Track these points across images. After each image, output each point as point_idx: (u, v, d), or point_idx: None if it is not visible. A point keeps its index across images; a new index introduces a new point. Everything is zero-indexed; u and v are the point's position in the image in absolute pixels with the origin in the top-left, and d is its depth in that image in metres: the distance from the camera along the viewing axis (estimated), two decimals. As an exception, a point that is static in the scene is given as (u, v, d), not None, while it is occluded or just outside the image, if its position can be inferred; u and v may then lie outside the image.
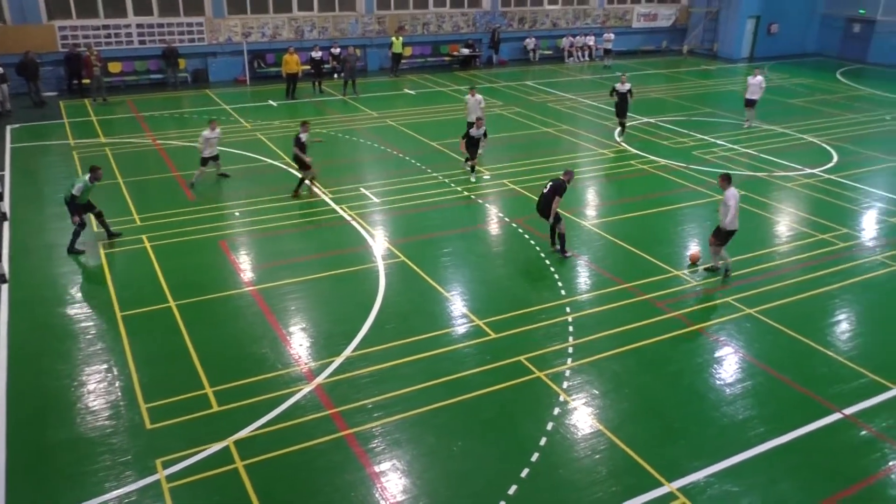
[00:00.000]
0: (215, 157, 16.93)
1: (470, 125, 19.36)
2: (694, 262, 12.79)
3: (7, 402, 8.97)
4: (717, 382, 9.62)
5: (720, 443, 8.43)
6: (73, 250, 13.11)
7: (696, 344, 10.51)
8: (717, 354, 10.25)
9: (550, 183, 13.15)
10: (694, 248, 13.09)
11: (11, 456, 8.06)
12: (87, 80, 25.72)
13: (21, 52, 24.25)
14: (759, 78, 22.16)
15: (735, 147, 20.55)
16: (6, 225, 14.41)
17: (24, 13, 25.48)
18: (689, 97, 27.66)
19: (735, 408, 9.07)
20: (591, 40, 36.12)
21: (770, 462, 8.14)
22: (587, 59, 36.14)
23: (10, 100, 23.68)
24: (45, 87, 25.39)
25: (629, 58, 36.66)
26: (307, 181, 16.44)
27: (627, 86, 20.51)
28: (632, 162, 19.10)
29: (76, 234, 13.14)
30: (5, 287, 11.87)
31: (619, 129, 21.51)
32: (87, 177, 13.07)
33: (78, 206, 13.03)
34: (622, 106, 20.86)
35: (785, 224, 15.06)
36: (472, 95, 19.18)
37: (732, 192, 11.92)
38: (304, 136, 16.06)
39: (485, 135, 17.47)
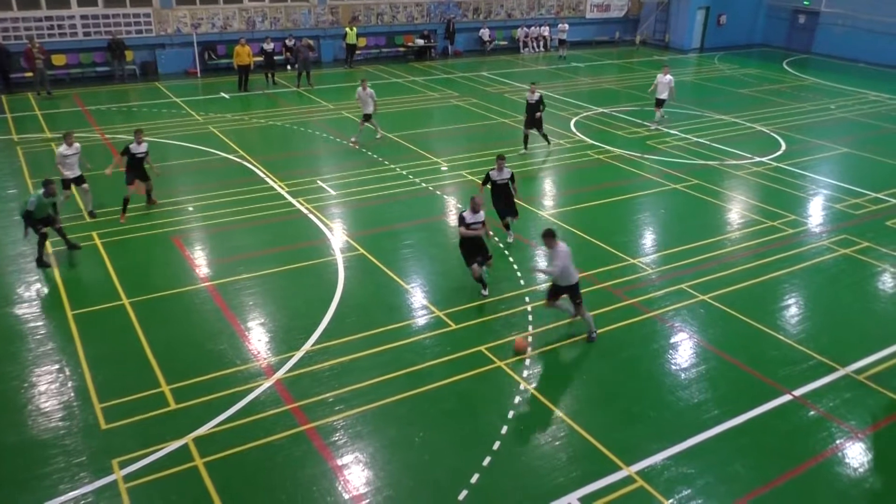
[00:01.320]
0: (79, 180, 14.14)
1: (366, 117, 19.23)
2: (519, 352, 9.92)
3: (-47, 407, 8.69)
4: (673, 367, 9.83)
5: (676, 426, 8.62)
6: (41, 263, 12.16)
7: (652, 330, 10.71)
8: (672, 340, 10.47)
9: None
10: (519, 337, 10.23)
11: (-41, 462, 7.82)
12: (29, 74, 24.89)
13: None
14: (669, 77, 21.00)
15: (688, 136, 20.94)
16: (-53, 223, 13.89)
17: (-39, 3, 24.53)
18: (643, 87, 28.01)
19: (690, 392, 9.29)
20: (545, 31, 36.34)
21: (724, 443, 8.36)
22: (542, 49, 36.35)
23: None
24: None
25: (583, 48, 37.00)
26: (148, 195, 14.82)
27: (537, 95, 18.25)
28: (588, 152, 19.32)
29: (40, 245, 12.16)
30: (-52, 288, 11.46)
31: (548, 139, 19.22)
32: (40, 192, 12.11)
33: (36, 221, 12.07)
34: (531, 117, 18.47)
35: (736, 212, 15.42)
36: (364, 89, 19.11)
37: (561, 251, 9.86)
38: (135, 148, 14.14)
39: (512, 178, 13.06)
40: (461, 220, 11.10)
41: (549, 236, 9.97)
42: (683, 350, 10.25)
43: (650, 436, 8.44)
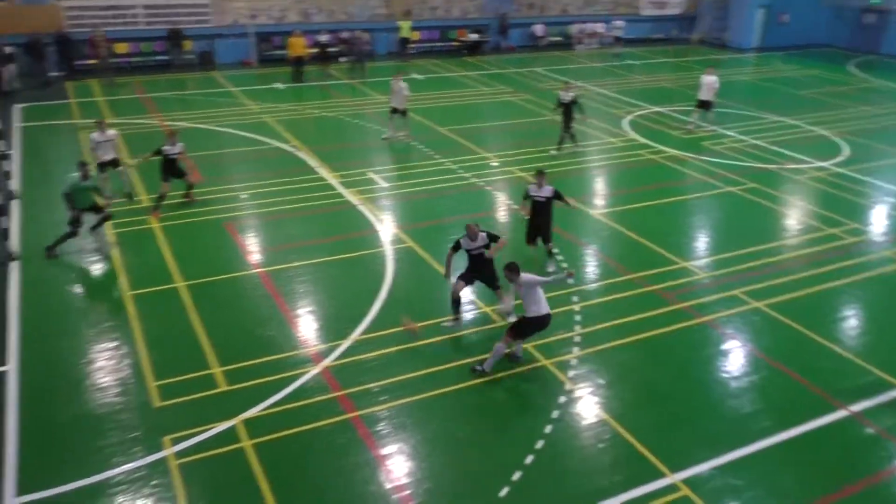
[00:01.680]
0: (114, 163, 14.66)
1: (394, 111, 18.77)
2: (409, 332, 9.91)
3: (19, 379, 9.03)
4: (724, 375, 9.63)
5: (725, 435, 8.44)
6: (51, 250, 12.19)
7: (703, 336, 10.51)
8: (723, 347, 10.25)
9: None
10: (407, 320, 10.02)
11: (23, 432, 8.12)
12: (94, 61, 25.68)
13: (28, 31, 24.22)
14: (713, 77, 20.04)
15: (744, 138, 20.45)
16: (16, 204, 14.42)
17: (32, -8, 25.44)
18: (699, 87, 27.46)
19: (741, 401, 9.08)
20: (600, 27, 35.88)
21: (774, 456, 8.15)
22: (597, 46, 35.91)
23: (17, 79, 23.65)
24: (51, 67, 25.31)
25: (638, 45, 36.42)
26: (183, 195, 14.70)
27: (571, 94, 17.91)
28: (640, 151, 19.03)
29: (64, 236, 12.22)
30: (16, 265, 11.90)
31: (564, 142, 18.44)
32: (77, 175, 12.18)
33: (80, 208, 12.17)
34: (567, 118, 18.08)
35: (794, 217, 15.00)
36: (397, 81, 18.64)
37: (527, 278, 9.09)
38: (168, 149, 14.26)
39: (557, 196, 11.79)
40: (456, 247, 10.30)
41: (511, 270, 9.07)
42: (735, 357, 10.03)
43: (697, 444, 8.29)
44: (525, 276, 9.15)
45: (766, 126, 21.97)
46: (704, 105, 20.60)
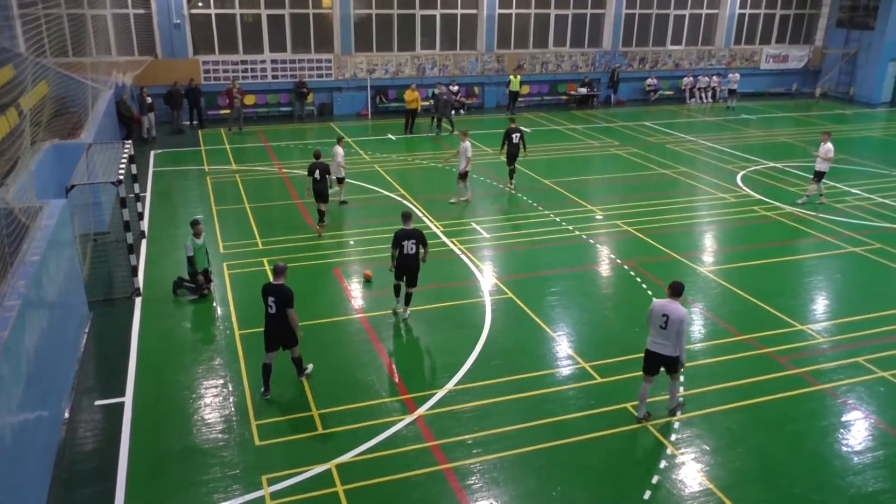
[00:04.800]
0: (342, 181, 18.30)
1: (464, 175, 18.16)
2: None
3: (133, 408, 9.57)
4: (844, 449, 8.90)
5: (845, 516, 7.76)
6: (177, 289, 12.96)
7: (821, 405, 9.79)
8: (844, 418, 9.50)
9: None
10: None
11: (132, 460, 8.56)
12: (226, 111, 27.59)
13: (169, 83, 26.39)
14: (829, 145, 17.96)
15: (871, 196, 19.23)
16: (143, 243, 15.52)
17: (174, 49, 27.70)
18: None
19: (864, 478, 8.34)
20: (715, 81, 35.05)
21: (903, 543, 7.41)
22: (710, 100, 35.07)
23: (155, 127, 25.73)
24: (184, 116, 27.37)
25: (755, 100, 35.30)
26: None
27: (518, 133, 19.14)
28: (754, 208, 18.26)
29: (181, 282, 12.94)
30: (139, 300, 12.74)
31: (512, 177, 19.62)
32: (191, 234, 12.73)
33: (199, 269, 12.74)
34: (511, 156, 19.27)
35: (927, 282, 13.86)
36: (463, 141, 18.03)
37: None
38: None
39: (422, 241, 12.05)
40: None
41: (677, 289, 8.99)
42: (857, 430, 9.26)
43: (813, 523, 7.66)
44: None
45: (895, 184, 20.58)
46: (819, 176, 18.30)
